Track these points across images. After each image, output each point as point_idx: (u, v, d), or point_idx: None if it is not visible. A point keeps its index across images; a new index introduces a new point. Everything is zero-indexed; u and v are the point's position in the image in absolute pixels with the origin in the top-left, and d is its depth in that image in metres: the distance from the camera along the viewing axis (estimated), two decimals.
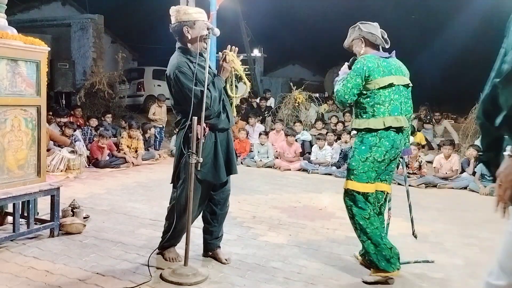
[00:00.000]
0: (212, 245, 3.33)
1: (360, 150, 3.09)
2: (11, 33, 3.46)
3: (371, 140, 3.05)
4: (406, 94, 3.17)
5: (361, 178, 3.05)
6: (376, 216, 3.10)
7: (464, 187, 6.67)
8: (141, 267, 3.12)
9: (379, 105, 3.04)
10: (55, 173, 6.15)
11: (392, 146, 3.06)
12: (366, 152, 3.05)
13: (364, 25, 3.20)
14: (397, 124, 3.04)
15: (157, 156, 8.38)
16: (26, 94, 3.54)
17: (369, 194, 3.08)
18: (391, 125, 3.03)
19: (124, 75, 12.55)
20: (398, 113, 3.07)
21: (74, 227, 3.79)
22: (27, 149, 3.58)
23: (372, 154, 3.03)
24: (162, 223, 4.22)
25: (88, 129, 8.43)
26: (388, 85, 3.05)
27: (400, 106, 3.09)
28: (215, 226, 3.30)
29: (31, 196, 3.54)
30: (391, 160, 3.11)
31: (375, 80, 3.03)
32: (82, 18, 13.74)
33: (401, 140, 3.14)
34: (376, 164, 3.05)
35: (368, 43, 3.20)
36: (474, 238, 4.19)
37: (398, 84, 3.09)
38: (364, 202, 3.06)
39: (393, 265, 3.02)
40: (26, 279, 2.88)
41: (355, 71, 3.05)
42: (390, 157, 3.08)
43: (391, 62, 3.15)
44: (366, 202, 3.07)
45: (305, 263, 3.35)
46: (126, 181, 6.28)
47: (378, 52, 3.20)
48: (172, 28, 3.10)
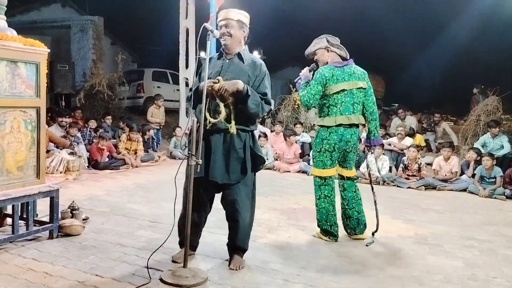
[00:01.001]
0: (228, 248, 3.34)
1: (316, 143, 3.91)
2: (11, 35, 3.47)
3: (323, 135, 3.83)
4: (362, 95, 3.89)
5: (318, 165, 3.87)
6: (328, 197, 3.90)
7: (463, 189, 6.68)
8: (140, 268, 3.11)
9: (332, 107, 3.80)
10: (54, 174, 6.15)
11: (341, 140, 3.80)
12: (320, 144, 3.85)
13: (331, 38, 3.91)
14: (347, 121, 3.79)
15: (157, 158, 8.38)
16: (26, 96, 3.54)
17: (326, 177, 3.86)
18: (342, 123, 3.77)
19: (123, 77, 12.54)
20: (349, 113, 3.80)
21: (74, 229, 3.78)
22: (26, 151, 3.57)
23: (324, 146, 3.82)
24: (161, 224, 4.25)
25: (87, 131, 8.43)
26: (341, 90, 3.77)
27: (352, 107, 3.82)
28: (230, 234, 3.30)
29: (30, 198, 3.53)
30: (346, 150, 3.87)
31: (330, 87, 3.76)
32: (82, 19, 13.76)
33: (353, 134, 3.86)
34: (328, 153, 3.82)
35: (332, 53, 3.88)
36: (473, 240, 4.19)
37: (350, 89, 3.81)
38: (321, 185, 3.89)
39: (330, 236, 3.93)
40: (25, 281, 2.87)
41: (316, 80, 3.76)
42: (341, 148, 3.83)
43: (345, 69, 3.83)
44: (323, 184, 3.88)
45: (305, 265, 3.34)
46: (126, 183, 6.28)
47: (335, 62, 3.86)
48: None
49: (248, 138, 3.17)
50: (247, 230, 3.27)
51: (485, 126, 8.75)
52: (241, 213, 3.18)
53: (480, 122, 9.16)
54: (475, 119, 9.27)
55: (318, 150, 3.86)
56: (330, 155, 3.82)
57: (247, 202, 3.22)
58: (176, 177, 3.05)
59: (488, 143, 7.92)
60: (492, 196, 6.27)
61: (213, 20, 7.88)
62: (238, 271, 3.16)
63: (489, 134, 8.03)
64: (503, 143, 7.79)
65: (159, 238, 3.75)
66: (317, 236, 4.01)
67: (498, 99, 9.33)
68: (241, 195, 3.17)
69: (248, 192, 3.22)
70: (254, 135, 3.26)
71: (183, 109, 9.86)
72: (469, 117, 9.53)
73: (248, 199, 3.22)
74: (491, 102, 9.29)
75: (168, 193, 5.53)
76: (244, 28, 3.20)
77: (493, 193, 6.30)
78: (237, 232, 3.22)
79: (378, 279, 3.15)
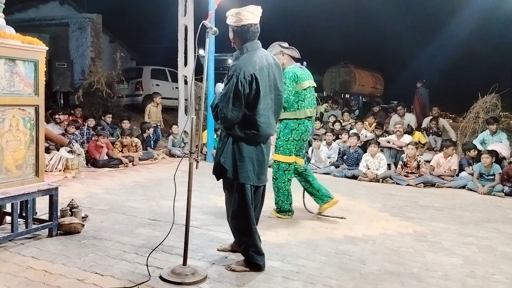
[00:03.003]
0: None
1: (284, 133, 4.41)
2: (9, 33, 3.45)
3: (292, 126, 4.38)
4: (313, 92, 4.58)
5: (285, 152, 4.42)
6: (290, 181, 4.48)
7: (462, 187, 6.69)
8: (140, 266, 3.12)
9: (301, 102, 4.39)
10: (53, 172, 6.15)
11: (306, 130, 4.45)
12: (289, 134, 4.39)
13: (281, 43, 4.51)
14: (310, 114, 4.45)
15: (156, 156, 8.36)
16: (24, 94, 3.54)
17: (290, 163, 4.43)
18: (309, 115, 4.42)
19: (122, 75, 12.50)
20: (311, 107, 4.48)
21: (73, 227, 3.78)
22: (25, 149, 3.57)
23: (292, 135, 4.39)
24: (160, 222, 4.25)
25: (85, 129, 8.41)
26: (307, 87, 4.42)
27: (312, 102, 4.52)
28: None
29: (29, 196, 3.53)
30: (304, 140, 4.50)
31: (301, 83, 4.37)
32: (80, 17, 13.71)
33: (312, 125, 4.61)
34: (294, 142, 4.42)
35: (286, 56, 4.49)
36: (472, 237, 4.19)
37: (310, 86, 4.48)
38: (286, 170, 4.43)
39: (288, 213, 4.56)
40: (25, 279, 2.87)
41: (290, 78, 4.34)
42: (304, 138, 4.47)
43: (305, 70, 4.52)
44: (287, 170, 4.43)
45: (304, 262, 3.35)
46: (125, 181, 6.28)
47: (296, 63, 4.51)
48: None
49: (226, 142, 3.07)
50: (232, 230, 3.21)
51: (484, 123, 8.76)
52: (226, 211, 3.22)
53: (478, 120, 9.17)
54: (474, 116, 9.28)
55: (286, 139, 4.40)
56: (296, 144, 4.44)
57: (227, 206, 3.20)
58: (175, 175, 3.05)
59: (487, 140, 7.94)
60: (491, 193, 6.29)
61: (212, 17, 7.85)
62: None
63: (488, 131, 8.04)
64: (502, 140, 7.81)
65: (159, 236, 3.75)
66: (274, 216, 4.56)
67: (497, 96, 9.34)
68: (225, 194, 3.22)
69: (226, 195, 3.19)
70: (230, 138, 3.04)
71: (181, 107, 9.85)
72: (467, 115, 9.53)
73: (227, 203, 3.19)
74: (490, 100, 9.29)
75: (167, 191, 5.55)
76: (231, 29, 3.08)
77: (491, 190, 6.32)
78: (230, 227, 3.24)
79: (377, 276, 3.16)
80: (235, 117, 2.90)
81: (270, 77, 3.06)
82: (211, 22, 7.49)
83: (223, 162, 3.02)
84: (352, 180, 7.10)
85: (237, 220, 3.10)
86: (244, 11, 2.99)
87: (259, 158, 3.08)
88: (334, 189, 6.18)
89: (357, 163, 7.49)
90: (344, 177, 7.27)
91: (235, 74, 2.87)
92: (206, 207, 4.89)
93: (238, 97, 2.86)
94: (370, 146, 7.44)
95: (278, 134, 4.44)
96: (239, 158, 3.00)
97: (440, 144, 8.83)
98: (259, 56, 3.01)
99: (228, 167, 3.01)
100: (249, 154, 3.02)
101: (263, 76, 2.97)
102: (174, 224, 3.25)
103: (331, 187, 6.35)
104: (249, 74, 2.88)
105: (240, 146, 3.01)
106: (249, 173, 3.01)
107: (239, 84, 2.85)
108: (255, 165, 3.05)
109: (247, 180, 3.02)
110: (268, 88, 3.03)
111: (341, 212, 4.88)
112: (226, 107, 2.86)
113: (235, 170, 3.01)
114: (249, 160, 3.02)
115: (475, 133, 8.95)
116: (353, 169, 7.38)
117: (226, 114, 2.87)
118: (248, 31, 3.02)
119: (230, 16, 3.05)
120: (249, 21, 3.00)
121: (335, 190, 6.14)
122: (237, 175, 3.00)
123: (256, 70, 2.92)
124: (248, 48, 3.03)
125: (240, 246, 3.18)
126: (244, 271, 3.09)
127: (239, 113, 2.90)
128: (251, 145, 3.03)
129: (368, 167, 7.21)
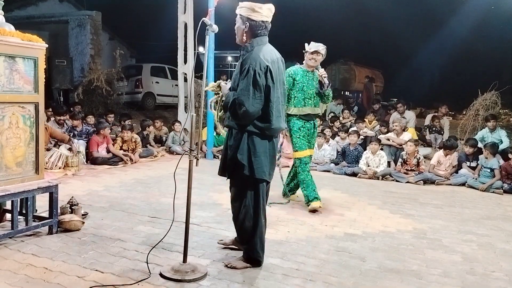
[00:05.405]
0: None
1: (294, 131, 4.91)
2: (8, 30, 3.45)
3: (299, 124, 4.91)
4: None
5: (302, 147, 4.88)
6: (309, 171, 4.94)
7: (462, 184, 6.69)
8: (140, 264, 3.12)
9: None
10: (53, 170, 6.15)
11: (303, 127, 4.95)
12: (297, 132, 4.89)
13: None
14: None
15: (156, 153, 8.36)
16: (24, 91, 3.53)
17: (306, 157, 4.89)
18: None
19: (122, 72, 12.51)
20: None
21: (73, 224, 3.79)
22: (25, 146, 3.57)
23: (301, 133, 4.89)
24: (160, 219, 4.25)
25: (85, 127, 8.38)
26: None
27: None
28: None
29: (29, 193, 3.53)
30: (308, 135, 4.95)
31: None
32: (80, 14, 13.71)
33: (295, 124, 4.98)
34: (305, 138, 4.91)
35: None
36: (472, 235, 4.20)
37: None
38: (305, 163, 4.88)
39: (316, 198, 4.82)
40: (25, 276, 2.88)
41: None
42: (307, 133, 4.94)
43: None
44: (305, 163, 4.88)
45: (304, 260, 3.35)
46: (125, 178, 6.28)
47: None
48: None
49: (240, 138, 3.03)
50: (239, 228, 3.18)
51: (483, 120, 8.75)
52: (233, 210, 3.19)
53: (478, 117, 9.17)
54: (474, 114, 9.28)
55: (298, 137, 4.87)
56: (306, 139, 4.95)
57: (236, 204, 3.14)
58: (175, 173, 3.05)
59: (486, 137, 7.93)
60: (490, 190, 6.29)
61: (212, 14, 7.84)
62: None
63: (487, 129, 8.04)
64: (501, 137, 7.81)
65: (159, 233, 3.76)
66: (311, 210, 4.71)
67: (497, 93, 9.33)
68: (232, 193, 3.18)
69: (236, 193, 3.13)
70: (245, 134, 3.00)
71: (181, 104, 9.84)
72: (467, 112, 9.52)
73: (236, 201, 3.14)
74: (490, 97, 9.29)
75: (167, 189, 5.55)
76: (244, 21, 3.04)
77: (491, 187, 6.32)
78: (235, 226, 3.21)
79: (377, 274, 3.16)
80: (256, 110, 2.90)
81: (280, 70, 3.11)
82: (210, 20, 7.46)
83: (241, 159, 2.98)
84: (352, 178, 7.10)
85: (248, 217, 3.07)
86: (265, 8, 3.03)
87: (271, 153, 3.09)
88: (333, 187, 6.22)
89: (357, 160, 7.49)
90: (344, 175, 7.27)
91: (251, 66, 2.89)
92: (206, 204, 4.89)
93: (258, 89, 2.88)
94: (371, 144, 7.44)
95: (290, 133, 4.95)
96: (253, 153, 2.99)
97: (440, 142, 8.82)
98: (268, 51, 3.05)
99: (245, 163, 2.99)
100: (263, 149, 3.03)
101: (274, 69, 3.01)
102: (174, 221, 3.26)
103: (330, 184, 6.39)
104: (264, 66, 2.91)
105: (255, 141, 3.00)
106: (264, 168, 3.02)
107: (257, 76, 2.87)
108: (268, 160, 3.06)
109: (263, 176, 3.02)
110: (278, 81, 3.06)
111: (341, 209, 4.89)
112: (247, 100, 2.85)
113: (251, 166, 2.99)
114: (264, 155, 3.02)
115: (475, 130, 8.95)
116: (353, 167, 7.39)
117: (248, 108, 2.85)
118: (262, 27, 3.05)
119: (247, 9, 3.02)
120: (267, 18, 3.06)
121: (334, 188, 6.17)
122: (253, 171, 2.99)
123: (269, 62, 2.96)
124: (258, 42, 3.05)
125: (246, 244, 3.16)
126: (245, 268, 3.10)
127: (259, 106, 2.91)
128: (265, 139, 3.03)
129: (368, 164, 7.21)
